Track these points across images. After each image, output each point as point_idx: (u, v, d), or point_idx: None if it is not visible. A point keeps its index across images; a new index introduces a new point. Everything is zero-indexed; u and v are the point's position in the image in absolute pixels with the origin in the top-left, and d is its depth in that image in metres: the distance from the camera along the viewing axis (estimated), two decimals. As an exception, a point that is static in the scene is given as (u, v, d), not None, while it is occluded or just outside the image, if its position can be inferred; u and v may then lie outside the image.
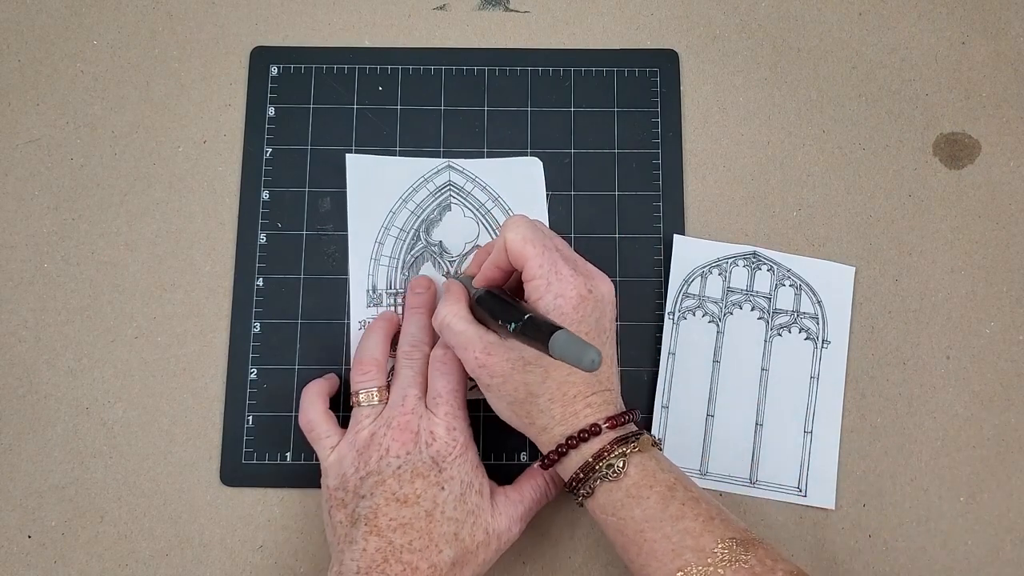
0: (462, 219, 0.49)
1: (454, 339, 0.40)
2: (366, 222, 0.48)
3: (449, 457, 0.40)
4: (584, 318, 0.38)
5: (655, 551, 0.36)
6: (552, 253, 0.39)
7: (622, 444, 0.37)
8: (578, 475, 0.38)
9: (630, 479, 0.37)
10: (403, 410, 0.40)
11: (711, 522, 0.36)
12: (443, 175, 0.49)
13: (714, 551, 0.34)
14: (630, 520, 0.37)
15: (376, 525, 0.38)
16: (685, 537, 0.35)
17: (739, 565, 0.34)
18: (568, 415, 0.39)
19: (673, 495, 0.37)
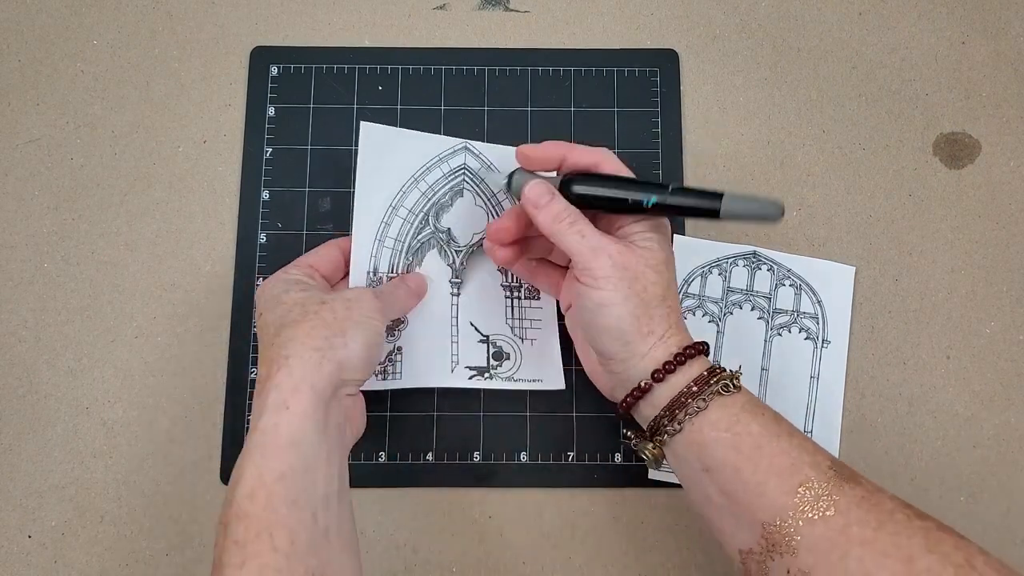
0: (473, 207, 0.47)
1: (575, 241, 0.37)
2: (375, 199, 0.45)
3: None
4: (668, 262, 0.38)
5: (775, 466, 0.34)
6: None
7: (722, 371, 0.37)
8: (689, 388, 0.36)
9: (745, 395, 0.36)
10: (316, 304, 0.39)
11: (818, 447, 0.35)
12: (459, 157, 0.46)
13: (830, 467, 0.34)
14: (747, 435, 0.35)
15: None
16: (803, 453, 0.34)
17: (853, 484, 0.33)
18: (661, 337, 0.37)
19: (780, 418, 0.36)
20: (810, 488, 0.33)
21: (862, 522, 0.32)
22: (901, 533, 0.31)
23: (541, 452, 0.46)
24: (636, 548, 0.45)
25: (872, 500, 0.33)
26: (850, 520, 0.32)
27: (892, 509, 0.32)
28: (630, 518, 0.46)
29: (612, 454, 0.46)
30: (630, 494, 0.46)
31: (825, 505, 0.32)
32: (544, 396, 0.46)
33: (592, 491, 0.46)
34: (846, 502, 0.32)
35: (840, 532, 0.32)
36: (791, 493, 0.33)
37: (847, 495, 0.33)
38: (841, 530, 0.32)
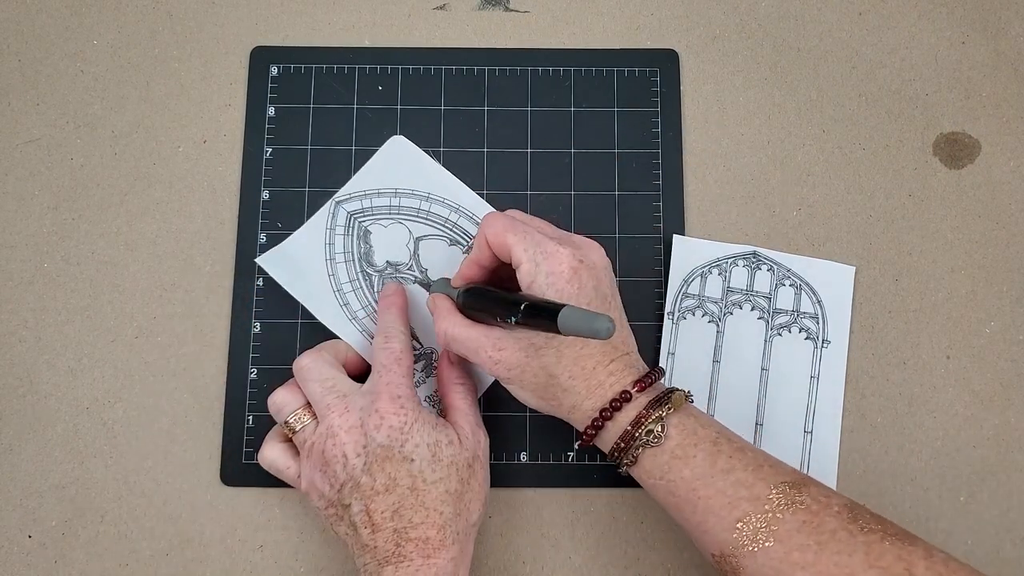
0: (386, 230, 0.48)
1: (462, 347, 0.40)
2: (322, 302, 0.47)
3: (404, 428, 0.39)
4: (582, 288, 0.38)
5: (711, 507, 0.35)
6: (534, 235, 0.39)
7: (657, 407, 0.37)
8: (619, 445, 0.38)
9: (672, 441, 0.37)
10: (336, 413, 0.39)
11: (760, 470, 0.36)
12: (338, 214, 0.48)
13: (769, 497, 0.34)
14: (680, 481, 0.36)
15: (374, 523, 0.38)
16: (739, 489, 0.35)
17: (796, 507, 0.34)
18: (593, 387, 0.38)
19: (719, 449, 0.36)
20: (747, 523, 0.34)
21: (803, 547, 0.33)
22: (842, 552, 0.33)
23: (541, 452, 0.46)
24: (636, 548, 0.45)
25: (814, 522, 0.34)
26: (790, 547, 0.33)
27: (835, 528, 0.34)
28: (630, 518, 0.46)
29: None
30: (630, 494, 0.46)
31: (764, 536, 0.34)
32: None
33: (592, 491, 0.46)
34: (786, 530, 0.34)
35: (782, 560, 0.34)
36: (730, 530, 0.35)
37: (788, 522, 0.34)
38: (783, 558, 0.34)
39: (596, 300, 0.38)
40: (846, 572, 0.32)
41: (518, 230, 0.39)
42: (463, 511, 0.39)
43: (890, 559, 0.32)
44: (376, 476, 0.38)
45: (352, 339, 0.47)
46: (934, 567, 0.32)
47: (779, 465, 0.37)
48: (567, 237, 0.41)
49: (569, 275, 0.38)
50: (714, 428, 0.38)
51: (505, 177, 0.49)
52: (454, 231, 0.48)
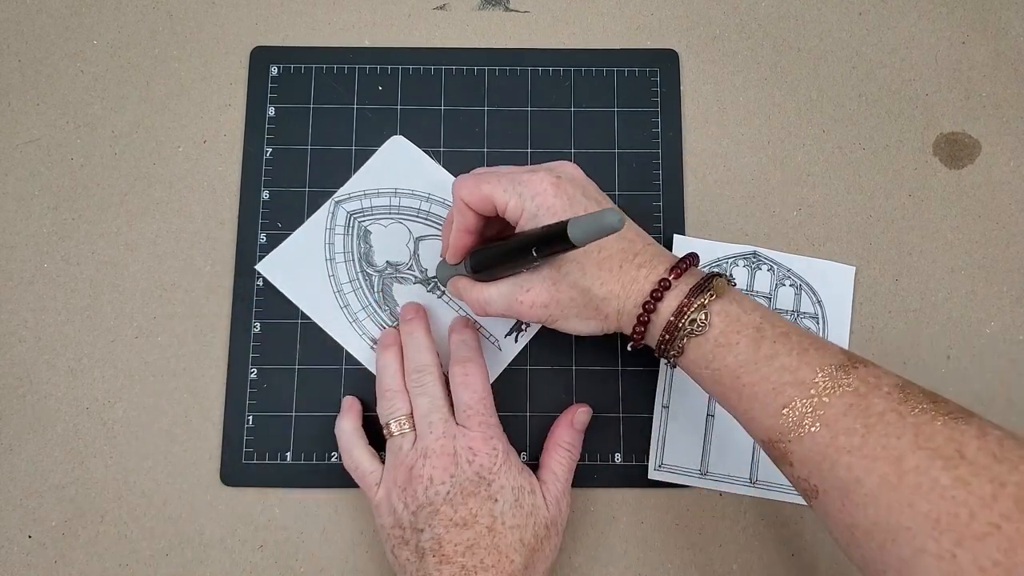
0: (386, 230, 0.48)
1: (498, 306, 0.40)
2: (322, 304, 0.47)
3: (494, 468, 0.40)
4: (571, 199, 0.38)
5: (756, 394, 0.35)
6: (506, 175, 0.39)
7: (698, 294, 0.36)
8: (664, 337, 0.37)
9: (716, 329, 0.36)
10: (433, 436, 0.40)
11: (805, 353, 0.35)
12: (338, 214, 0.48)
13: (815, 381, 0.34)
14: (725, 369, 0.36)
15: (444, 554, 0.38)
16: (783, 374, 0.34)
17: (843, 390, 0.33)
18: (627, 285, 0.37)
19: (762, 335, 0.35)
20: (793, 409, 0.34)
21: (849, 431, 0.32)
22: (890, 434, 0.32)
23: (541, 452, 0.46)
24: (636, 548, 0.45)
25: (862, 405, 0.33)
26: (836, 431, 0.32)
27: (883, 410, 0.32)
28: (630, 518, 0.46)
29: (612, 454, 0.46)
30: (630, 494, 0.46)
31: (810, 422, 0.33)
32: (544, 396, 0.47)
33: (592, 491, 0.46)
34: (832, 414, 0.33)
35: (828, 444, 0.33)
36: (775, 416, 0.34)
37: (834, 406, 0.33)
38: (829, 442, 0.33)
39: (590, 204, 0.38)
40: (894, 455, 0.31)
41: (489, 178, 0.39)
42: (531, 568, 0.39)
43: (940, 440, 0.31)
44: (457, 508, 0.38)
45: (352, 343, 0.47)
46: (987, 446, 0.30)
47: (826, 347, 0.35)
48: (537, 166, 0.41)
49: (553, 191, 0.38)
50: (758, 313, 0.36)
51: (505, 177, 0.49)
52: None
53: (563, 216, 0.37)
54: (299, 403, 0.47)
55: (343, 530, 0.45)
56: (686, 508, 0.46)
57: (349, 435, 0.43)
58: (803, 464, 0.34)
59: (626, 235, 0.39)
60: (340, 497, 0.46)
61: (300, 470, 0.46)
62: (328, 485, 0.46)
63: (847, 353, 0.35)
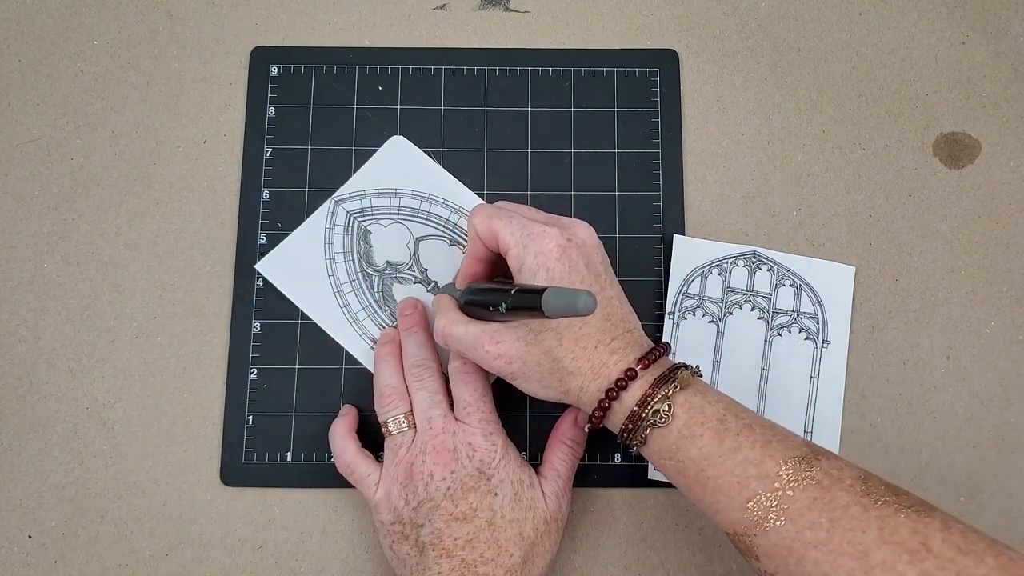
0: (386, 230, 0.48)
1: (460, 344, 0.40)
2: (322, 304, 0.47)
3: (493, 463, 0.40)
4: (573, 266, 0.37)
5: (720, 487, 0.35)
6: (520, 219, 0.39)
7: (663, 385, 0.36)
8: (627, 426, 0.37)
9: (679, 420, 0.36)
10: (433, 432, 0.41)
11: (769, 446, 0.35)
12: (338, 213, 0.48)
13: (779, 475, 0.34)
14: (689, 461, 0.36)
15: (444, 547, 0.38)
16: (747, 467, 0.34)
17: (806, 483, 0.33)
18: (597, 367, 0.37)
19: (726, 427, 0.35)
20: (758, 503, 0.34)
21: (814, 525, 0.32)
22: (855, 528, 0.32)
23: (541, 452, 0.46)
24: (636, 548, 0.45)
25: (826, 498, 0.33)
26: (802, 526, 0.33)
27: (847, 504, 0.33)
28: (630, 518, 0.46)
29: (612, 454, 0.46)
30: (630, 494, 0.46)
31: (775, 516, 0.33)
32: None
33: (592, 491, 0.46)
34: (797, 508, 0.33)
35: (794, 538, 0.33)
36: (740, 509, 0.34)
37: (799, 500, 0.33)
38: (795, 537, 0.33)
39: (589, 277, 0.38)
40: (860, 549, 0.31)
41: (503, 215, 0.39)
42: (530, 562, 0.39)
43: (905, 533, 0.31)
44: (458, 503, 0.39)
45: (352, 343, 0.47)
46: (951, 539, 0.31)
47: (788, 439, 0.35)
48: (555, 218, 0.40)
49: (558, 254, 0.37)
50: (722, 404, 0.37)
51: (505, 177, 0.49)
52: (454, 232, 0.48)
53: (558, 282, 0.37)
54: (299, 403, 0.47)
55: (343, 530, 0.45)
56: (686, 508, 0.46)
57: (341, 438, 0.43)
58: (769, 558, 0.34)
59: (611, 317, 0.38)
60: (340, 497, 0.46)
61: (300, 470, 0.46)
62: (328, 485, 0.46)
63: (809, 445, 0.35)
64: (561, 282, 0.37)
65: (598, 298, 0.38)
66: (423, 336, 0.45)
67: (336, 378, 0.47)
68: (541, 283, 0.37)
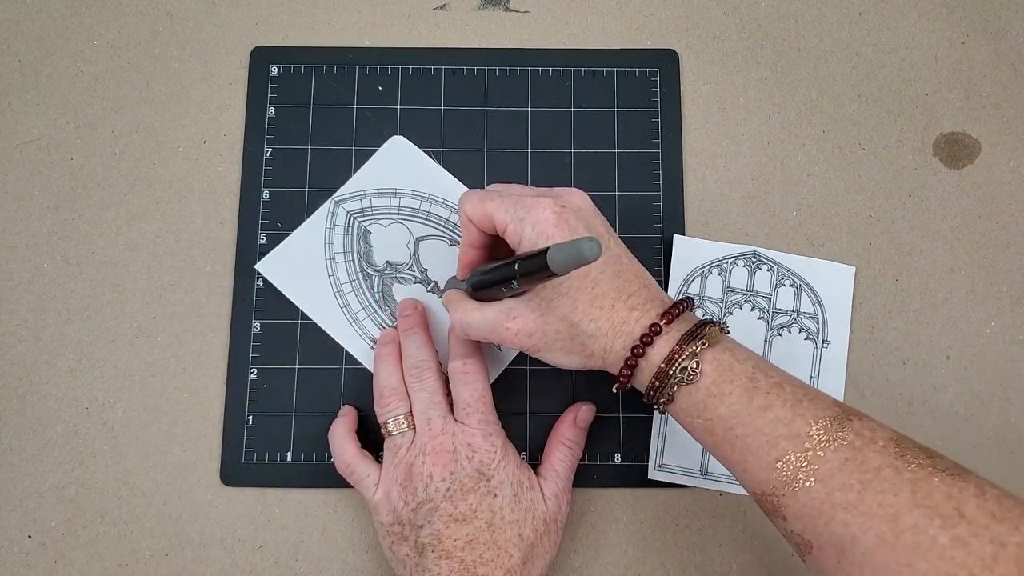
0: (386, 230, 0.48)
1: (480, 330, 0.39)
2: (322, 304, 0.47)
3: (492, 464, 0.40)
4: (572, 230, 0.37)
5: (749, 446, 0.34)
6: (511, 196, 0.39)
7: (690, 341, 0.35)
8: (654, 384, 0.36)
9: (707, 378, 0.35)
10: (432, 433, 0.41)
11: (799, 405, 0.34)
12: (338, 213, 0.48)
13: (809, 435, 0.33)
14: (717, 420, 0.35)
15: (444, 549, 0.38)
16: (777, 426, 0.33)
17: (837, 444, 0.32)
18: (618, 325, 0.36)
19: (755, 385, 0.35)
20: (787, 463, 0.33)
21: (845, 487, 0.32)
22: (887, 490, 0.31)
23: (540, 452, 0.46)
24: (636, 548, 0.45)
25: (857, 459, 0.32)
26: (832, 487, 0.32)
27: (879, 465, 0.32)
28: (630, 518, 0.46)
29: (612, 454, 0.46)
30: (630, 494, 0.46)
31: (805, 476, 0.32)
32: (544, 396, 0.47)
33: (592, 491, 0.46)
34: (827, 469, 0.32)
35: (823, 500, 0.32)
36: (769, 469, 0.33)
37: (829, 460, 0.32)
38: (824, 498, 0.32)
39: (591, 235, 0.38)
40: (891, 512, 0.30)
41: (493, 196, 0.39)
42: (529, 563, 0.39)
43: (939, 497, 0.30)
44: (457, 504, 0.39)
45: (352, 343, 0.47)
46: (986, 505, 0.30)
47: (820, 398, 0.35)
48: (546, 190, 0.40)
49: (555, 220, 0.37)
50: (751, 362, 0.36)
51: (505, 177, 0.49)
52: (454, 232, 0.48)
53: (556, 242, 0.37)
54: (299, 403, 0.47)
55: (343, 530, 0.45)
56: (686, 508, 0.46)
57: (341, 439, 0.43)
58: (797, 519, 0.33)
59: (622, 273, 0.38)
60: (340, 497, 0.46)
61: (300, 470, 0.46)
62: (328, 485, 0.46)
63: (841, 405, 0.35)
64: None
65: (605, 256, 0.37)
66: (423, 337, 0.45)
67: (336, 378, 0.47)
68: None
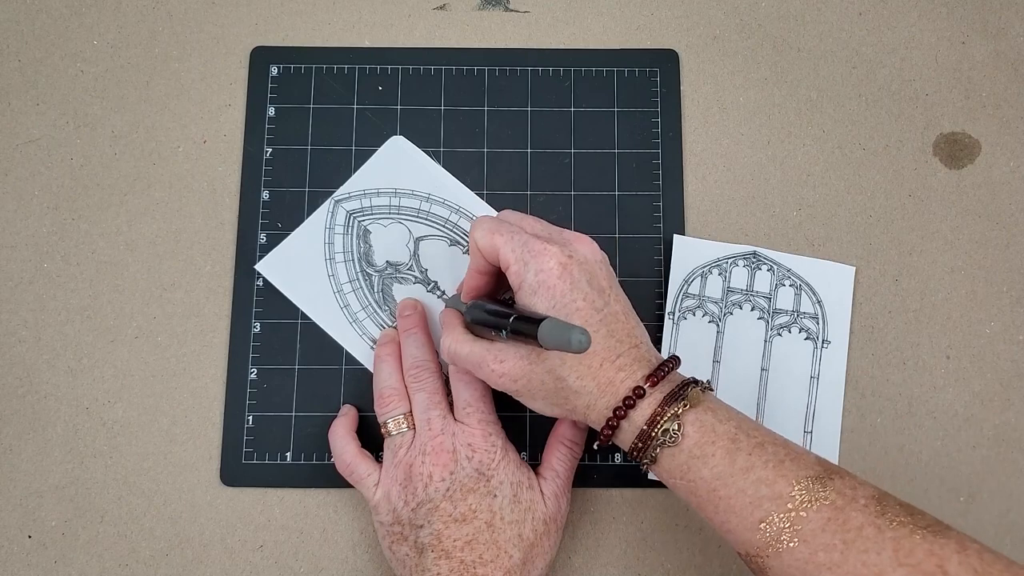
0: (386, 230, 0.48)
1: (466, 362, 0.39)
2: (322, 304, 0.47)
3: (492, 464, 0.40)
4: (574, 284, 0.37)
5: (732, 507, 0.34)
6: (521, 235, 0.38)
7: (672, 403, 0.35)
8: (636, 444, 0.36)
9: (690, 439, 0.35)
10: (432, 433, 0.41)
11: (781, 465, 0.34)
12: (338, 213, 0.48)
13: (791, 495, 0.33)
14: (700, 481, 0.35)
15: (443, 549, 0.38)
16: (760, 487, 0.34)
17: (820, 504, 0.33)
18: (604, 385, 0.37)
19: (738, 447, 0.35)
20: (770, 524, 0.33)
21: (828, 547, 0.32)
22: (870, 550, 0.31)
23: (541, 452, 0.46)
24: (636, 548, 0.45)
25: (840, 519, 0.32)
26: (815, 547, 0.32)
27: (861, 524, 0.32)
28: (630, 518, 0.46)
29: (612, 454, 0.46)
30: (630, 494, 0.46)
31: (788, 537, 0.33)
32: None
33: (591, 491, 0.46)
34: (810, 529, 0.33)
35: (807, 560, 0.32)
36: (753, 530, 0.34)
37: (812, 520, 0.33)
38: (808, 558, 0.32)
39: (592, 293, 0.37)
40: (875, 571, 0.31)
41: (504, 231, 0.38)
42: (529, 563, 0.39)
43: (921, 555, 0.31)
44: (457, 504, 0.39)
45: (352, 343, 0.47)
46: (968, 561, 0.30)
47: (801, 457, 0.35)
48: (557, 233, 0.40)
49: (559, 271, 0.37)
50: (733, 422, 0.36)
51: (505, 177, 0.49)
52: (454, 231, 0.48)
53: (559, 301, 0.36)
54: (299, 403, 0.47)
55: (343, 530, 0.45)
56: (686, 508, 0.46)
57: (341, 439, 0.43)
58: None
59: (616, 333, 0.37)
60: (340, 497, 0.46)
61: (300, 470, 0.46)
62: (328, 485, 0.46)
63: (823, 463, 0.35)
64: (562, 299, 0.36)
65: (602, 313, 0.37)
66: (422, 337, 0.45)
67: (336, 378, 0.47)
68: (541, 301, 0.37)
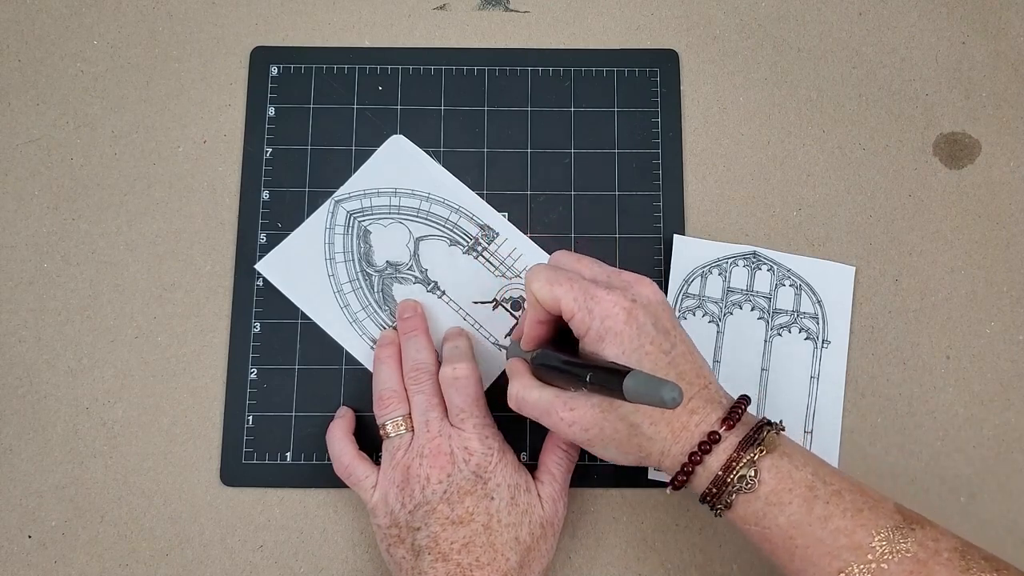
0: (386, 229, 0.48)
1: (534, 410, 0.38)
2: (322, 304, 0.47)
3: (490, 467, 0.40)
4: (641, 329, 0.36)
5: (810, 556, 0.34)
6: (580, 283, 0.37)
7: (748, 448, 0.35)
8: (711, 490, 0.36)
9: (766, 486, 0.35)
10: (430, 436, 0.40)
11: (860, 514, 0.34)
12: (338, 213, 0.48)
13: (871, 546, 0.33)
14: (776, 529, 0.34)
15: (440, 551, 0.38)
16: (838, 537, 0.33)
17: (901, 556, 0.32)
18: (678, 431, 0.36)
19: (815, 495, 0.34)
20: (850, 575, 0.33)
21: None
22: None
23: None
24: (636, 548, 0.45)
25: (922, 573, 0.32)
26: None
27: None
28: (630, 518, 0.46)
29: (612, 454, 0.46)
30: (630, 494, 0.46)
31: None
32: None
33: (592, 491, 0.46)
34: None
35: None
36: None
37: (893, 573, 0.32)
38: None
39: (658, 336, 0.36)
40: None
41: (562, 280, 0.37)
42: (526, 567, 0.39)
43: None
44: (454, 506, 0.39)
45: (352, 343, 0.47)
46: None
47: (881, 505, 0.34)
48: (616, 276, 0.39)
49: (624, 317, 0.36)
50: (809, 468, 0.35)
51: (505, 177, 0.49)
52: (454, 231, 0.48)
53: (628, 346, 0.36)
54: (299, 403, 0.47)
55: (343, 530, 0.45)
56: (686, 508, 0.46)
57: (339, 440, 0.43)
58: None
59: (685, 375, 0.37)
60: (340, 497, 0.46)
61: (300, 470, 0.46)
62: (328, 485, 0.46)
63: (902, 511, 0.34)
64: (630, 345, 0.36)
65: (671, 356, 0.36)
66: (423, 339, 0.45)
67: (336, 378, 0.47)
68: (610, 348, 0.36)
